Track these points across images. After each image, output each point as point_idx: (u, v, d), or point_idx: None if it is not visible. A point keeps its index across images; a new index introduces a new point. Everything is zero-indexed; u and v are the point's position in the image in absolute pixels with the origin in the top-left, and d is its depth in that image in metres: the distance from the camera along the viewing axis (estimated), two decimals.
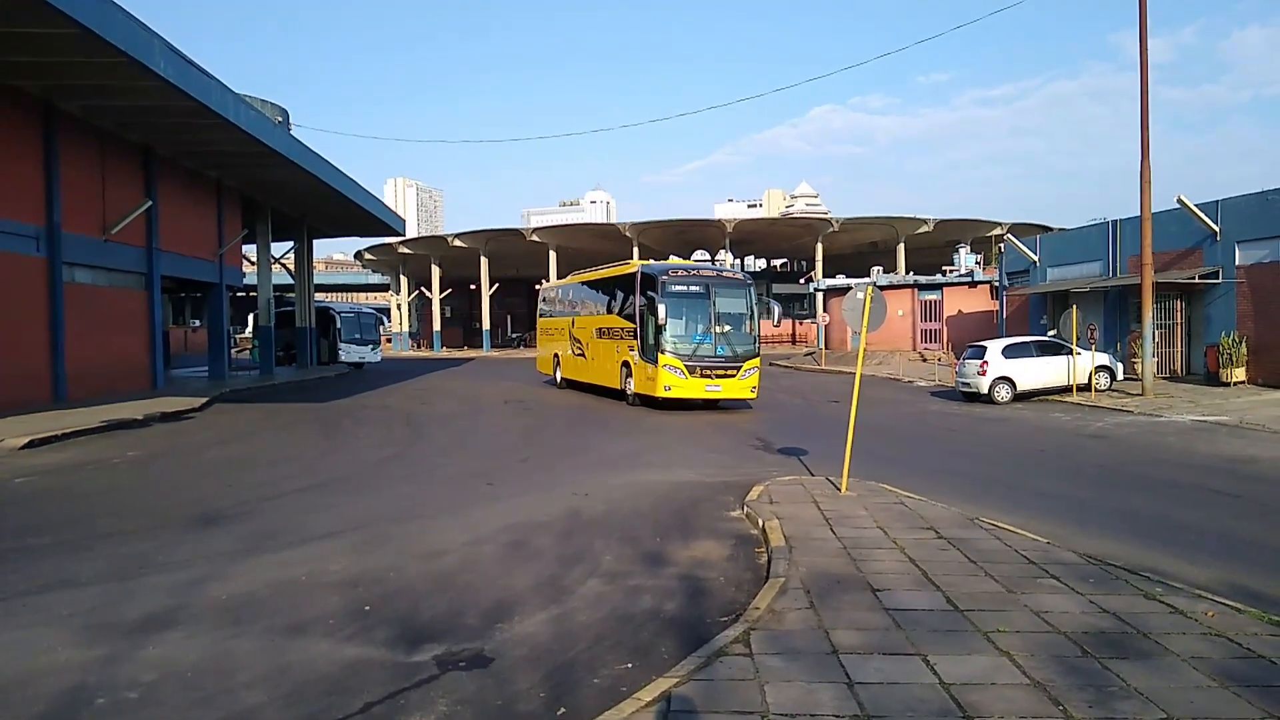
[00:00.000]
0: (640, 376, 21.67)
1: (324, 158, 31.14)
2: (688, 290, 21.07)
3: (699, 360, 20.58)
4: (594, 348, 25.53)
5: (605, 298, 25.09)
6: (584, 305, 27.32)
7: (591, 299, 26.66)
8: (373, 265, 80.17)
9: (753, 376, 21.10)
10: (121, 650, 5.74)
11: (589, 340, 25.91)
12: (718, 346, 20.94)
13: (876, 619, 5.95)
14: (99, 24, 16.37)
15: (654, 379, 20.75)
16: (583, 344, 26.51)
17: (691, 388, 20.44)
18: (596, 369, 25.41)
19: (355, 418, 20.81)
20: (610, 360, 24.00)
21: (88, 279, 23.69)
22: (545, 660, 5.56)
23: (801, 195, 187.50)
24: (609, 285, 24.88)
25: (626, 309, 22.78)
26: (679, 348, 20.62)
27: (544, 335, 32.08)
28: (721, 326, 21.07)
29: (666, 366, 20.48)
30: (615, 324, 23.64)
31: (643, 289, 21.54)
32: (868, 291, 10.57)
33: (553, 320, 30.67)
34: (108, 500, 11.22)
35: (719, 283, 21.81)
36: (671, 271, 21.42)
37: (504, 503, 10.67)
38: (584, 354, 26.49)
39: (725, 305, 21.30)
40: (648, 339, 21.14)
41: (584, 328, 26.53)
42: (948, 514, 9.30)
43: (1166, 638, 5.55)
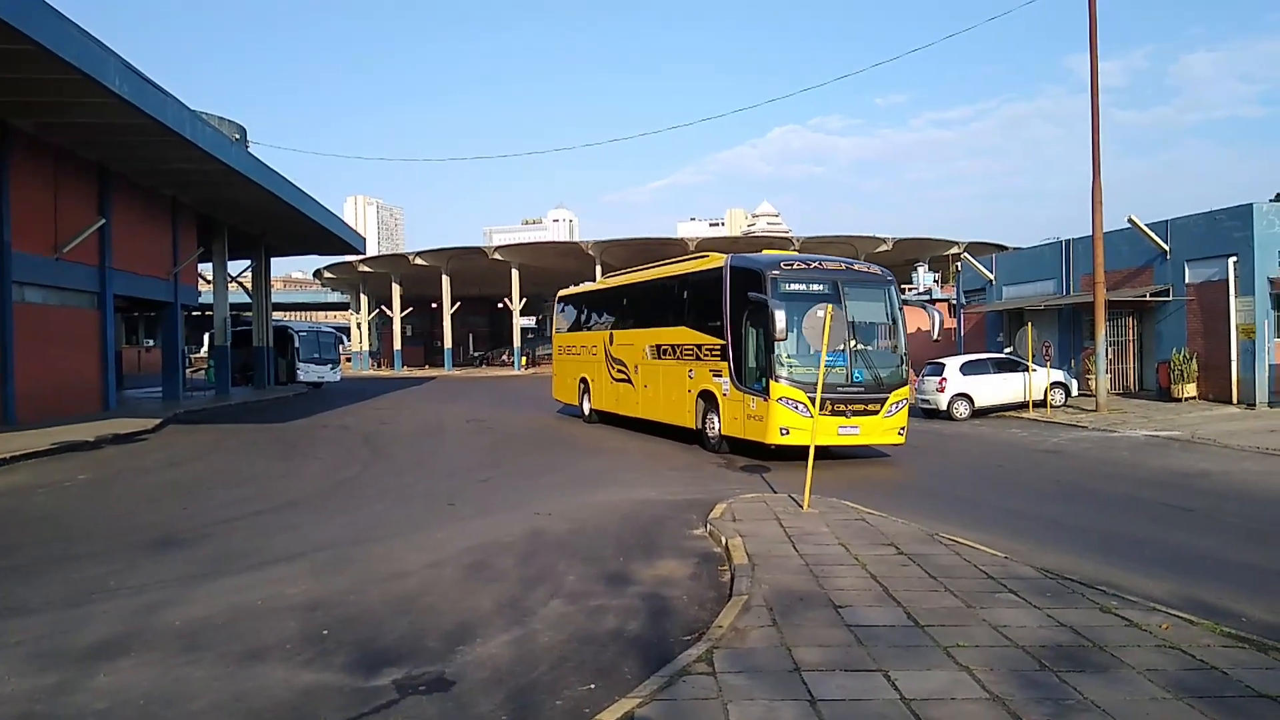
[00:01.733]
0: (733, 413, 15.70)
1: (283, 175, 30.87)
2: (809, 290, 14.95)
3: (829, 391, 13.63)
4: (648, 372, 19.58)
5: (668, 304, 19.02)
6: (630, 315, 21.27)
7: (643, 307, 20.67)
8: (332, 284, 79.47)
9: (900, 413, 15.16)
10: (72, 678, 5.59)
11: (639, 361, 20.02)
12: (854, 370, 14.81)
13: (838, 635, 5.98)
14: (54, 41, 16.09)
15: (763, 418, 14.76)
16: (628, 367, 20.66)
17: (819, 430, 12.82)
18: (652, 400, 19.47)
19: (314, 438, 20.55)
20: (676, 389, 18.11)
21: (38, 298, 23.19)
22: (507, 682, 5.51)
23: (763, 214, 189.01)
24: (675, 287, 18.92)
25: (708, 318, 16.84)
26: (800, 373, 14.46)
27: (565, 355, 25.92)
28: (857, 341, 14.88)
29: (783, 400, 14.45)
30: (687, 339, 17.66)
31: (738, 289, 15.86)
32: (828, 310, 10.68)
33: (579, 336, 24.61)
34: (59, 524, 10.96)
35: (851, 279, 15.50)
36: (784, 265, 15.30)
37: (466, 523, 10.59)
38: (629, 379, 20.62)
39: (861, 310, 15.12)
40: (747, 360, 15.41)
41: (631, 345, 20.59)
42: (908, 530, 9.38)
43: (1122, 650, 5.63)
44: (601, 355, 22.26)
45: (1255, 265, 23.08)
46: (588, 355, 23.52)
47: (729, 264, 16.39)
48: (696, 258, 18.69)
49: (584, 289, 26.35)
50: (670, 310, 18.82)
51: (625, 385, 20.91)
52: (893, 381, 15.16)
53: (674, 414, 18.32)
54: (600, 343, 22.50)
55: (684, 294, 18.40)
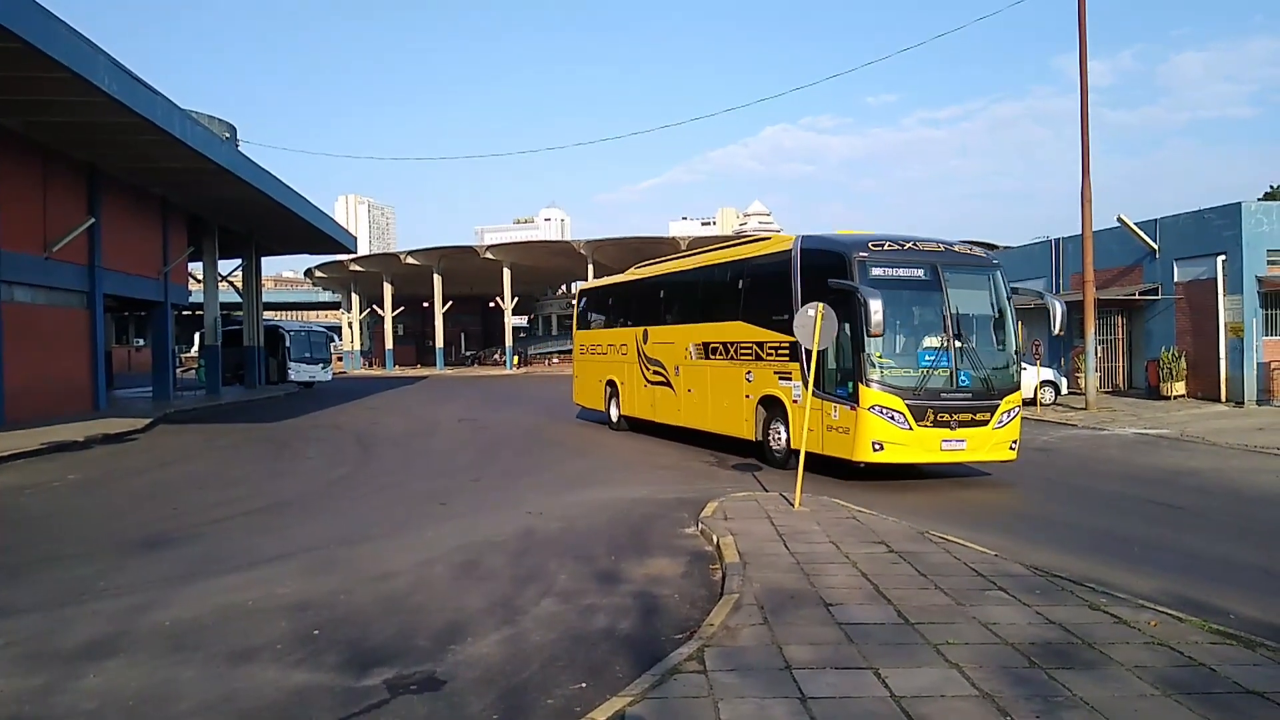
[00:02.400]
0: (803, 423, 11.82)
1: (273, 174, 30.75)
2: (904, 275, 12.61)
3: (930, 397, 12.15)
4: (693, 374, 17.03)
5: (719, 296, 16.49)
6: (669, 310, 18.82)
7: (686, 300, 18.21)
8: (324, 283, 79.25)
9: (1012, 424, 12.73)
10: (61, 679, 5.57)
11: (681, 362, 17.46)
12: (959, 372, 12.40)
13: (829, 633, 5.99)
14: (42, 39, 16.02)
15: (849, 430, 12.43)
16: (666, 368, 18.18)
17: (919, 444, 12.06)
18: (697, 406, 16.94)
19: (305, 438, 20.51)
20: (730, 394, 15.52)
21: (27, 298, 23.08)
22: (498, 682, 5.51)
23: (754, 213, 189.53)
24: (727, 276, 16.31)
25: (773, 311, 14.23)
26: (897, 376, 12.22)
27: (588, 355, 23.26)
28: (962, 337, 12.57)
29: (876, 409, 12.06)
30: (744, 336, 15.08)
31: (812, 275, 13.27)
32: (819, 309, 10.67)
33: (605, 334, 22.14)
34: (48, 524, 10.92)
35: (952, 262, 12.97)
36: (874, 245, 12.70)
37: (457, 522, 10.58)
38: (667, 382, 18.14)
39: (965, 300, 12.81)
40: (826, 360, 12.76)
41: (670, 343, 18.06)
42: (899, 528, 9.41)
43: (1111, 647, 5.66)
44: (633, 355, 19.78)
45: (1243, 264, 23.23)
46: (616, 355, 20.97)
47: (800, 246, 13.92)
48: (754, 240, 16.35)
49: (611, 281, 23.28)
50: (721, 303, 16.13)
51: (663, 389, 18.39)
52: (1004, 385, 12.74)
53: (726, 423, 15.58)
54: (632, 341, 19.91)
55: (739, 283, 15.71)
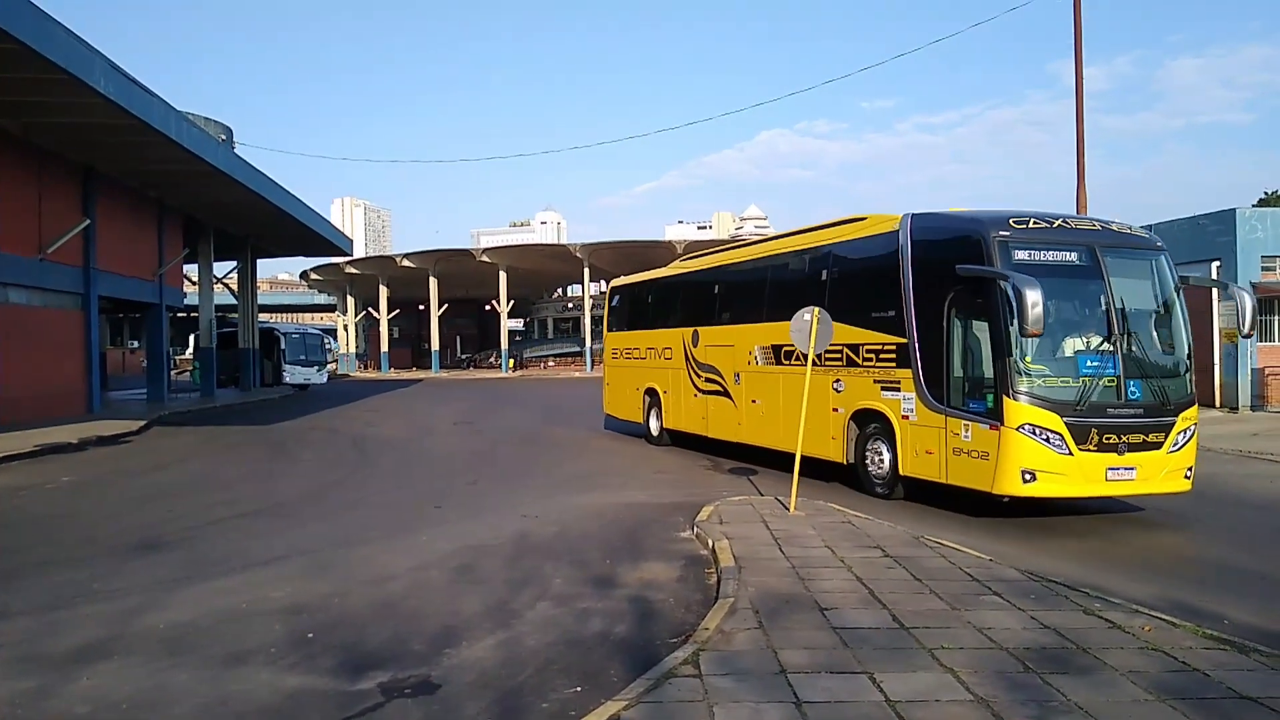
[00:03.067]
0: (923, 444, 10.89)
1: (269, 176, 30.74)
2: (1056, 261, 10.18)
3: (1094, 414, 9.77)
4: (759, 382, 14.51)
5: (794, 289, 13.71)
6: (726, 306, 16.16)
7: (748, 295, 15.47)
8: (319, 285, 79.29)
9: (1189, 445, 10.30)
10: (54, 682, 5.55)
11: (743, 368, 15.00)
12: (1128, 381, 9.94)
13: (824, 638, 6.00)
14: (39, 41, 16.00)
15: (988, 454, 9.96)
16: (723, 375, 15.78)
17: (1080, 474, 9.70)
18: (765, 420, 14.36)
19: (300, 441, 20.47)
20: (812, 407, 11.76)
21: (22, 299, 23.02)
22: (494, 686, 5.50)
23: (750, 218, 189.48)
24: (806, 265, 13.79)
25: (873, 306, 11.99)
26: (1051, 386, 9.84)
27: (622, 360, 20.65)
28: (1130, 337, 10.16)
29: (1028, 428, 9.66)
30: (836, 338, 11.64)
31: (931, 261, 11.13)
32: (815, 313, 10.68)
33: (644, 336, 19.49)
34: (41, 527, 10.89)
35: (1113, 244, 10.59)
36: (1016, 223, 10.30)
37: (452, 526, 10.57)
38: (724, 391, 15.74)
39: (1131, 292, 10.39)
40: (952, 366, 10.65)
41: (729, 346, 15.51)
42: (894, 532, 9.41)
43: (1105, 652, 5.66)
44: (679, 360, 17.35)
45: (1238, 269, 23.31)
46: (657, 360, 18.51)
47: (910, 225, 11.53)
48: (842, 222, 13.45)
49: (652, 276, 20.39)
50: (798, 298, 12.84)
51: (718, 400, 15.96)
52: (1179, 398, 10.26)
53: (806, 440, 11.69)
54: (678, 344, 17.47)
55: (823, 274, 13.20)
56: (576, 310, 71.00)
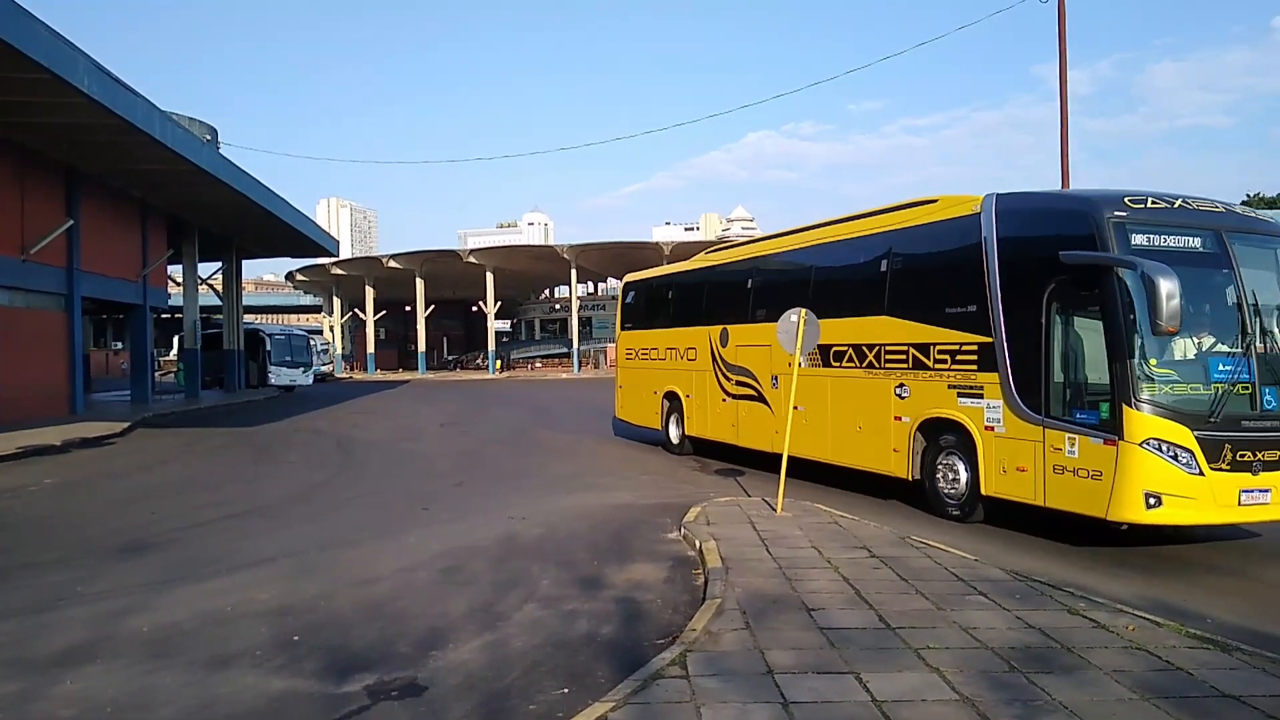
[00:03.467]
0: (1013, 459, 9.63)
1: (254, 177, 30.58)
2: (1179, 248, 8.86)
3: (1228, 427, 8.47)
4: (806, 387, 12.27)
5: (851, 282, 12.50)
6: (763, 301, 14.32)
7: (792, 289, 13.52)
8: (305, 286, 78.96)
9: None
10: (37, 686, 5.51)
11: (785, 371, 12.39)
12: (1262, 390, 8.70)
13: (811, 638, 6.01)
14: (21, 40, 15.89)
15: (1101, 474, 8.60)
16: (757, 378, 14.31)
17: (1210, 497, 8.35)
18: (813, 429, 12.65)
19: (286, 442, 20.37)
20: (870, 415, 11.68)
21: (4, 300, 22.84)
22: (480, 687, 5.49)
23: (738, 219, 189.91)
24: (862, 254, 12.27)
25: (949, 301, 10.59)
26: (1178, 395, 8.54)
27: (638, 360, 19.02)
28: (1262, 339, 8.92)
29: (1154, 443, 8.34)
30: (900, 336, 11.20)
31: (1030, 248, 9.77)
32: (801, 315, 10.70)
33: (663, 335, 17.92)
34: (24, 529, 10.80)
35: (1239, 229, 9.27)
36: (1132, 203, 9.01)
37: (439, 527, 10.54)
38: (759, 396, 14.22)
39: (1261, 285, 9.06)
40: (1052, 369, 9.31)
41: (768, 346, 13.42)
42: (880, 533, 9.45)
43: (1090, 651, 5.70)
44: (705, 361, 15.88)
45: None
46: (679, 361, 17.03)
47: (996, 207, 10.14)
48: (906, 206, 11.86)
49: (674, 270, 19.07)
50: (853, 291, 12.22)
51: (751, 405, 14.45)
52: None
53: (860, 452, 11.73)
54: (704, 344, 15.95)
55: (883, 264, 11.73)
56: (563, 311, 70.93)
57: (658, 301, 18.93)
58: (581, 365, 62.98)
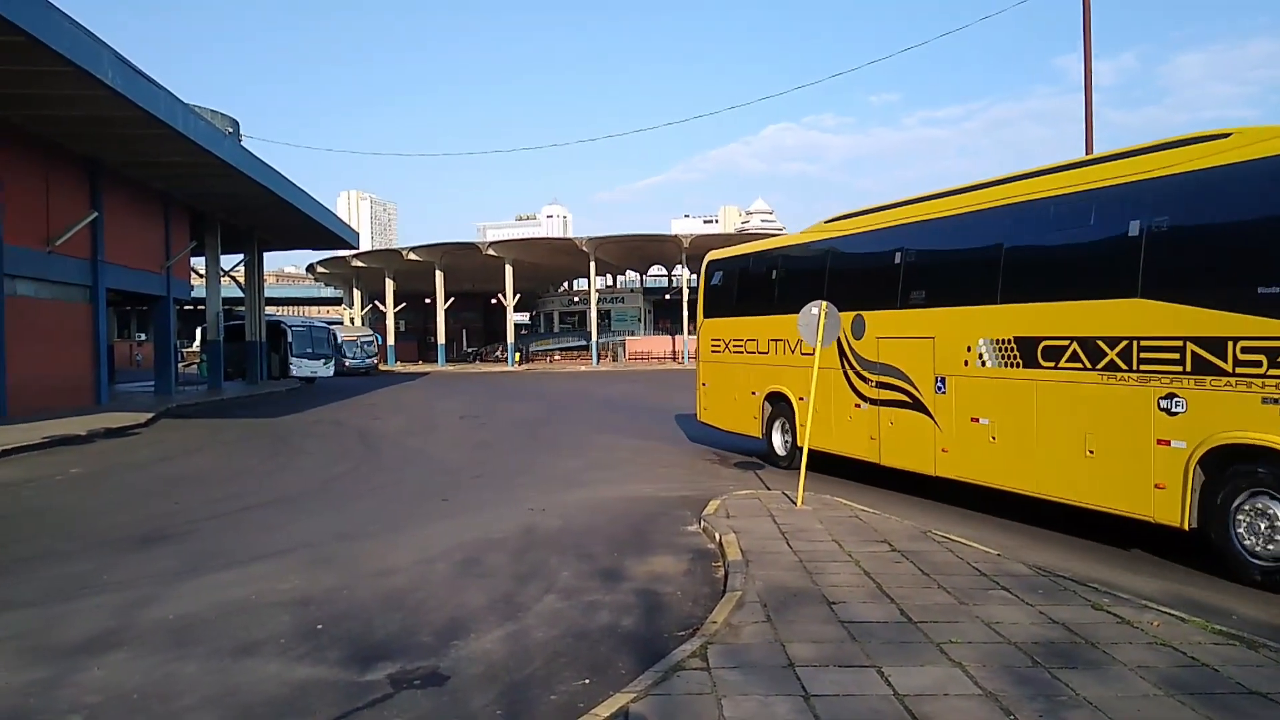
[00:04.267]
0: None
1: (275, 169, 30.74)
2: None
3: None
4: (995, 393, 10.10)
5: (1076, 251, 9.54)
6: (926, 280, 11.44)
7: (976, 262, 10.70)
8: (325, 278, 79.28)
9: None
10: (63, 673, 5.58)
11: (958, 373, 10.58)
12: None
13: (832, 631, 6.00)
14: (46, 33, 16.02)
15: None
16: (913, 381, 11.32)
17: None
18: (1008, 449, 9.96)
19: (307, 433, 20.50)
20: (1112, 434, 8.80)
21: (30, 292, 23.08)
22: (501, 677, 5.51)
23: (757, 211, 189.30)
24: (1105, 211, 9.17)
25: (1261, 276, 7.54)
26: None
27: (726, 355, 16.04)
28: None
29: None
30: (1168, 327, 8.25)
31: None
32: (822, 307, 10.66)
33: (764, 325, 14.67)
34: (49, 518, 10.92)
35: None
36: None
37: (459, 519, 10.58)
38: (918, 404, 11.23)
39: None
40: None
41: (929, 338, 11.06)
42: (901, 527, 9.40)
43: (1114, 647, 5.66)
44: (828, 356, 12.50)
45: None
46: (787, 355, 14.02)
47: None
48: (1171, 145, 8.80)
49: (780, 243, 15.71)
50: (1077, 263, 9.52)
51: (903, 414, 11.48)
52: None
53: (1091, 485, 9.02)
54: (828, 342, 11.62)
55: (1132, 225, 8.74)
56: (582, 304, 70.95)
57: (756, 283, 15.62)
58: (600, 358, 63.02)
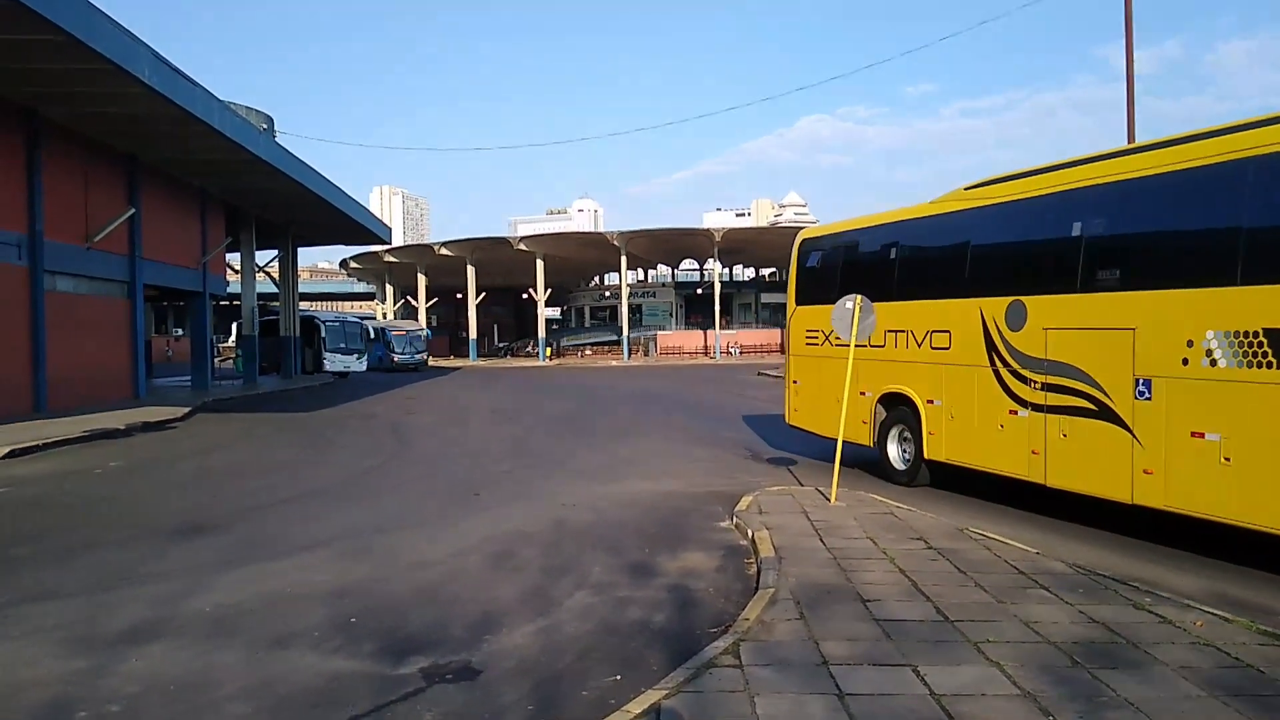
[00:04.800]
0: None
1: (310, 165, 31.04)
2: None
3: None
4: (1223, 403, 7.77)
5: None
6: (1117, 260, 9.12)
7: (1191, 235, 8.56)
8: (358, 274, 79.97)
9: None
10: (104, 662, 5.65)
11: (1170, 374, 8.27)
12: None
13: (866, 629, 5.93)
14: (85, 32, 16.26)
15: None
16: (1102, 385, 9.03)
17: None
18: (1262, 475, 7.37)
19: (340, 427, 20.68)
20: None
21: (69, 287, 23.47)
22: (533, 672, 5.51)
23: (790, 204, 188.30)
24: None
25: None
26: None
27: (826, 349, 13.52)
28: None
29: None
30: None
31: None
32: (856, 301, 10.57)
33: (881, 313, 11.36)
34: (90, 511, 11.09)
35: None
36: None
37: (490, 513, 10.61)
38: (1109, 412, 8.94)
39: None
40: None
41: (1123, 331, 8.79)
42: (937, 524, 9.30)
43: (1156, 647, 5.55)
44: (970, 350, 10.76)
45: None
46: (911, 349, 11.89)
47: None
48: None
49: (898, 216, 12.76)
50: None
51: (1082, 424, 9.30)
52: None
53: None
54: (968, 325, 10.81)
55: None
56: (613, 299, 71.00)
57: (868, 264, 13.19)
58: (631, 353, 63.03)
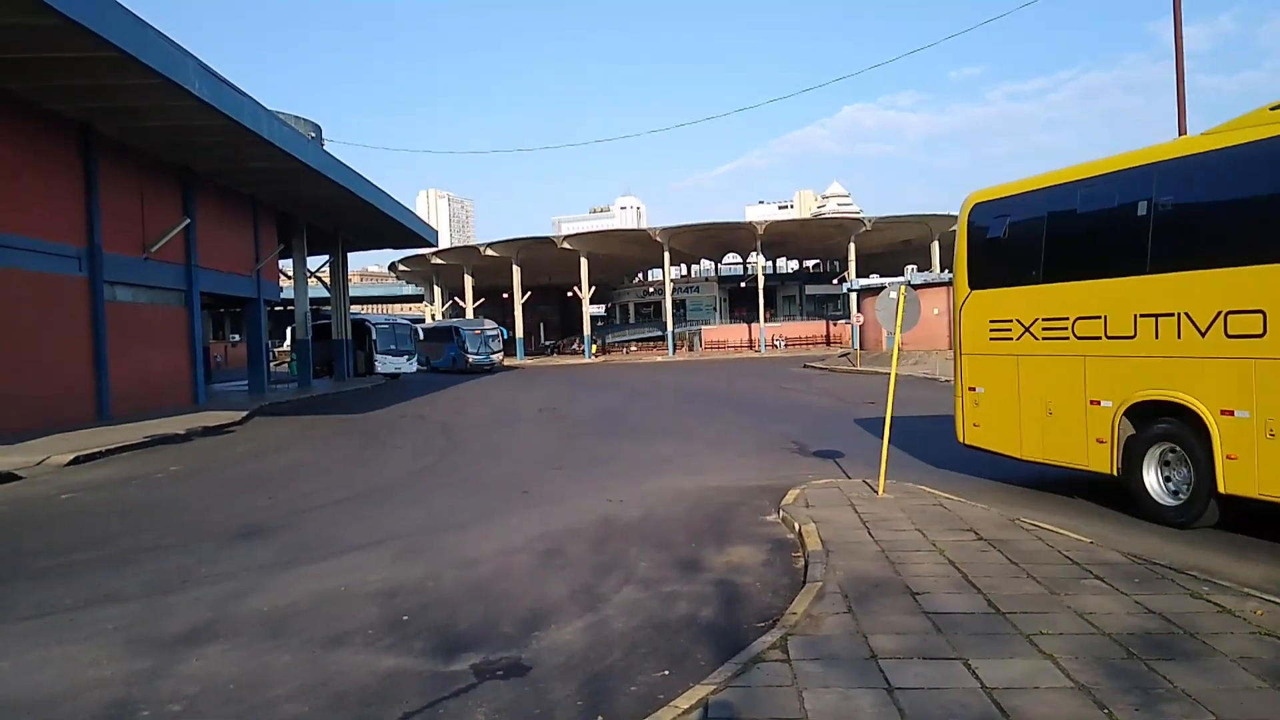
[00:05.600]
0: None
1: (357, 172, 31.49)
2: None
3: None
4: None
5: None
6: None
7: None
8: (407, 276, 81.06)
9: None
10: (165, 663, 5.81)
11: None
12: None
13: (916, 623, 5.88)
14: (136, 47, 16.68)
15: None
16: None
17: None
18: None
19: (392, 428, 20.98)
20: None
21: (128, 297, 24.12)
22: (582, 668, 5.55)
23: (833, 195, 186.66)
24: None
25: None
26: None
27: (1024, 344, 10.31)
28: None
29: None
30: None
31: None
32: (901, 291, 10.45)
33: (1118, 292, 9.07)
34: (150, 514, 11.39)
35: None
36: None
37: (539, 510, 10.70)
38: None
39: None
40: None
41: None
42: (988, 515, 9.17)
43: (1215, 638, 5.42)
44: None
45: None
46: (1174, 340, 8.51)
47: None
48: None
49: (1140, 160, 9.09)
50: None
51: None
52: None
53: None
54: None
55: None
56: (657, 295, 71.07)
57: (1096, 228, 9.74)
58: (676, 348, 63.01)
